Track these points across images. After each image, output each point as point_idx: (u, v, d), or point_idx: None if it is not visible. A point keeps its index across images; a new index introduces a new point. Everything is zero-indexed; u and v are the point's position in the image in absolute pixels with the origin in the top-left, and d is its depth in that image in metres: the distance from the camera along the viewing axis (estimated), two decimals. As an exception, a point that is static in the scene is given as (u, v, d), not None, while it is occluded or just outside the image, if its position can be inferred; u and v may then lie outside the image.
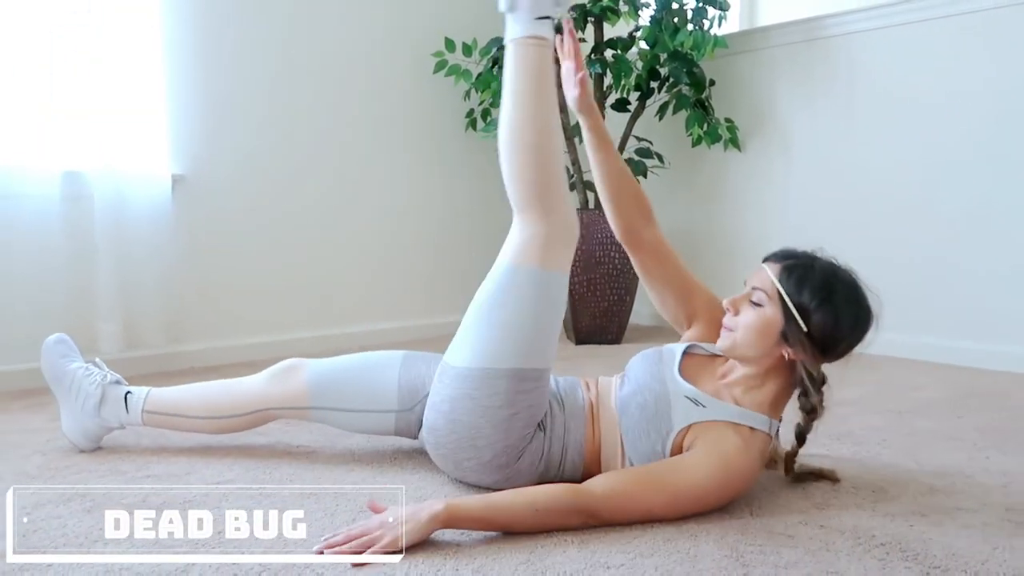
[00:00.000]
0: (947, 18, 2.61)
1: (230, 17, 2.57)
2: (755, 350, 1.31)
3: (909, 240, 2.73)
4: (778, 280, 1.30)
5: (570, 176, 3.01)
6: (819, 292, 1.27)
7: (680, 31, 2.84)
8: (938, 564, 1.12)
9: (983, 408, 2.04)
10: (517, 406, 1.32)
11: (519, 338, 1.33)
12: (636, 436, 1.33)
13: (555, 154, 1.40)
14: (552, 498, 1.20)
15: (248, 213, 2.66)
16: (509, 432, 1.32)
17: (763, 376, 1.33)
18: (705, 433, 1.28)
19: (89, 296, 2.28)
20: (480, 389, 1.31)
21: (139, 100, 2.32)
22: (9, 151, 2.15)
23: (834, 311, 1.27)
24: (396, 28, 2.97)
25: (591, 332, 2.98)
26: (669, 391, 1.33)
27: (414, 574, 1.07)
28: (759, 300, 1.32)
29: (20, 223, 2.18)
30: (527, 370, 1.32)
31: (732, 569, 1.10)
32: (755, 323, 1.31)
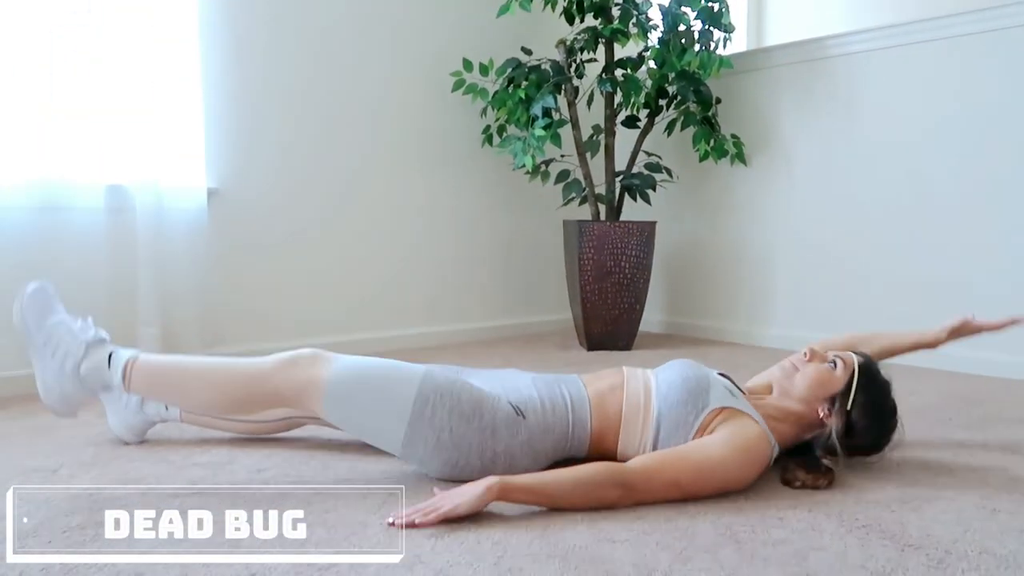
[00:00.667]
0: (944, 40, 2.74)
1: (262, 43, 2.74)
2: (804, 392, 1.52)
3: (904, 252, 2.85)
4: (858, 366, 1.52)
5: (582, 189, 3.14)
6: (875, 398, 1.52)
7: (687, 52, 2.98)
8: (912, 543, 1.24)
9: (969, 411, 2.16)
10: (440, 423, 1.41)
11: (381, 415, 1.42)
12: (674, 404, 1.47)
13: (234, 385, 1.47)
14: (591, 473, 1.34)
15: (277, 224, 2.81)
16: (464, 437, 1.42)
17: (785, 416, 1.53)
18: (732, 418, 1.45)
19: (131, 301, 2.43)
20: (418, 447, 1.42)
21: (178, 119, 2.48)
22: (58, 166, 2.30)
23: (873, 419, 1.51)
24: (417, 49, 3.12)
25: (603, 339, 3.11)
26: (710, 377, 1.52)
27: (440, 546, 1.20)
28: (836, 365, 1.52)
29: (68, 233, 2.34)
30: (411, 408, 1.40)
31: (725, 544, 1.22)
32: (822, 375, 1.52)
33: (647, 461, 1.39)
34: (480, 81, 3.16)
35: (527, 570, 1.13)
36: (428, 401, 1.42)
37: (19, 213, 2.24)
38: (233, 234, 2.69)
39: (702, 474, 1.38)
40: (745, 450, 1.41)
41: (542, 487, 1.32)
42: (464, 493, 1.29)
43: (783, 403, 1.54)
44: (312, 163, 2.89)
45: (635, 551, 1.19)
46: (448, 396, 1.43)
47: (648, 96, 3.12)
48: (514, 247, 3.52)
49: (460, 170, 3.30)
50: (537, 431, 1.47)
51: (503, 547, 1.20)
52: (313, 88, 2.87)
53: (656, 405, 1.50)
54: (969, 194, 2.70)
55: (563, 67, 3.09)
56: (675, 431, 1.46)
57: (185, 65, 2.48)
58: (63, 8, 2.28)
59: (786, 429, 1.52)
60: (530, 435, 1.47)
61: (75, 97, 2.31)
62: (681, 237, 3.55)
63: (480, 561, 1.15)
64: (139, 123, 2.41)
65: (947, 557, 1.19)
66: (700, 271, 3.51)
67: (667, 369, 1.58)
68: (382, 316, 3.10)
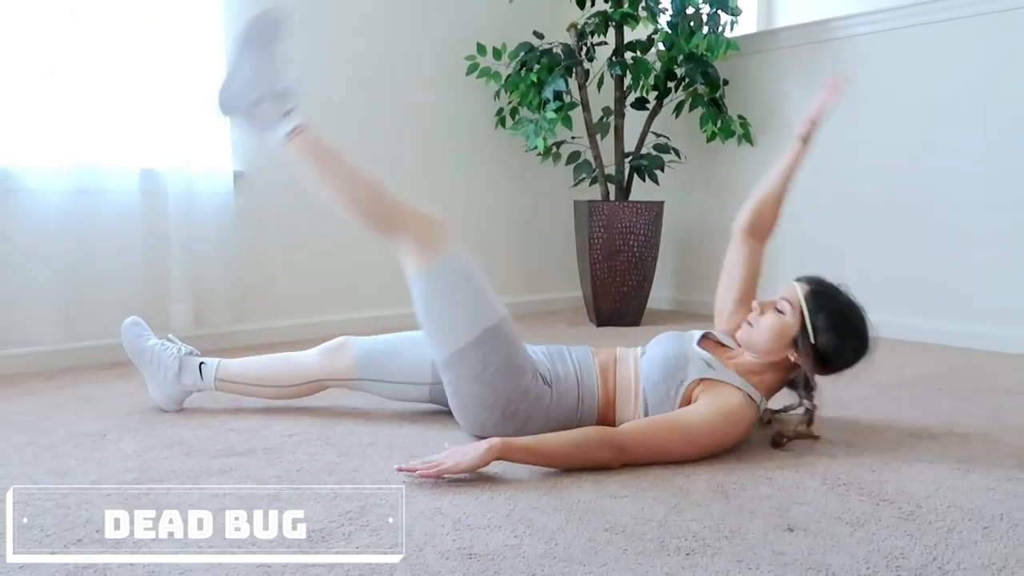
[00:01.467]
0: (947, 22, 2.80)
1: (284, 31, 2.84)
2: (767, 346, 1.59)
3: (904, 230, 2.94)
4: (803, 298, 1.58)
5: (592, 170, 3.24)
6: (833, 318, 1.56)
7: (695, 35, 3.06)
8: (887, 498, 1.36)
9: (962, 382, 2.26)
10: (493, 359, 1.57)
11: (457, 319, 1.59)
12: (656, 381, 1.59)
13: (365, 198, 1.69)
14: (587, 435, 1.46)
15: (301, 206, 2.93)
16: (502, 383, 1.57)
17: (764, 367, 1.62)
18: (712, 388, 1.56)
19: (163, 280, 2.57)
20: (459, 367, 1.59)
21: (206, 107, 2.59)
22: (95, 151, 2.43)
23: (841, 338, 1.56)
24: (433, 34, 3.22)
25: (611, 315, 3.22)
26: (687, 352, 1.62)
27: (458, 500, 1.33)
28: (783, 309, 1.59)
29: (105, 215, 2.47)
30: (482, 333, 1.58)
31: (716, 499, 1.35)
32: (775, 325, 1.58)
33: (637, 426, 1.51)
34: (493, 65, 3.25)
35: (536, 520, 1.25)
36: (498, 336, 1.58)
37: (60, 196, 2.38)
38: (258, 215, 2.83)
39: (688, 439, 1.50)
40: (727, 413, 1.52)
41: (540, 447, 1.43)
42: (467, 452, 1.40)
43: (754, 359, 1.62)
44: (332, 146, 3.00)
45: (634, 505, 1.32)
46: (511, 343, 1.60)
47: (657, 78, 3.21)
48: (526, 226, 3.63)
49: (474, 152, 3.41)
50: (556, 401, 1.61)
51: (514, 501, 1.33)
52: (332, 73, 2.98)
53: (642, 384, 1.62)
54: (974, 173, 2.78)
55: (574, 51, 3.18)
56: (660, 406, 1.58)
57: (211, 53, 2.59)
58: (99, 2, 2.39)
59: (769, 378, 1.62)
60: (550, 403, 1.61)
61: (111, 87, 2.44)
62: (689, 216, 3.65)
63: (493, 512, 1.28)
64: (170, 110, 2.54)
65: (918, 510, 1.30)
66: (707, 249, 3.60)
67: (651, 347, 1.69)
68: (399, 293, 3.20)
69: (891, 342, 2.82)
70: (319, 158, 1.69)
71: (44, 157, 2.35)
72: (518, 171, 3.54)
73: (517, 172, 3.54)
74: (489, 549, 1.16)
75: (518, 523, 1.24)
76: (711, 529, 1.22)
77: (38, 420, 1.83)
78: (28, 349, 2.37)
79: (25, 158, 2.33)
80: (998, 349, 2.69)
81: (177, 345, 1.87)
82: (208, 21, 2.59)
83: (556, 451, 1.44)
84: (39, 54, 2.32)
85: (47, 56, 2.33)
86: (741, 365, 1.62)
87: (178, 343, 1.88)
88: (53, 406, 1.97)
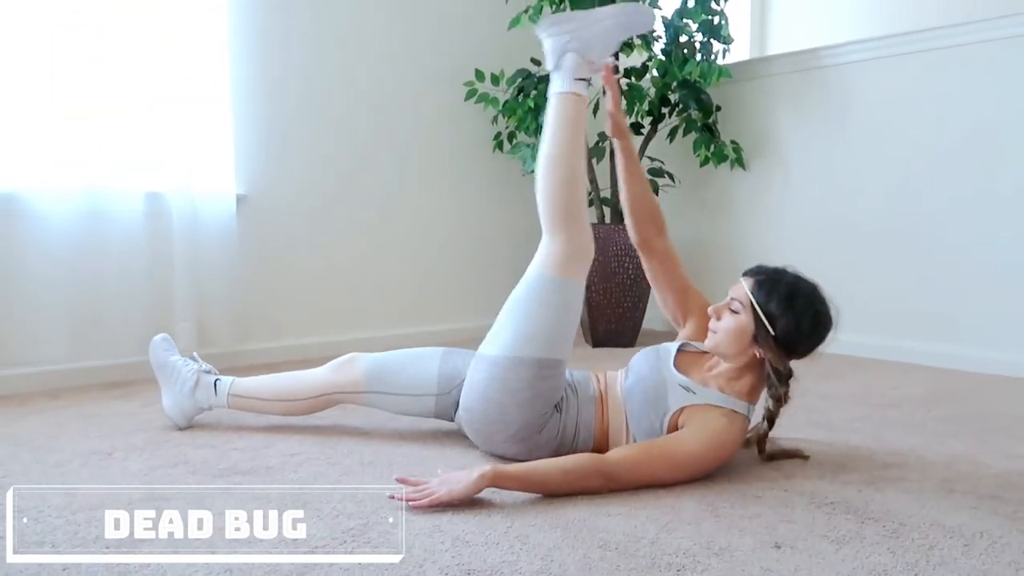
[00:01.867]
0: (936, 51, 2.88)
1: (285, 58, 2.92)
2: (732, 349, 1.60)
3: (894, 253, 3.00)
4: (751, 292, 1.58)
5: (588, 194, 3.30)
6: (783, 302, 1.56)
7: (688, 62, 3.14)
8: (873, 516, 1.40)
9: (950, 404, 2.31)
10: (538, 389, 1.62)
11: (541, 333, 1.63)
12: (639, 416, 1.63)
13: (580, 188, 1.73)
14: (578, 463, 1.49)
15: (302, 227, 3.00)
16: (531, 411, 1.62)
17: (740, 370, 1.62)
18: (696, 414, 1.58)
19: (167, 300, 2.62)
20: (508, 372, 1.62)
21: (209, 131, 2.66)
22: (101, 175, 2.49)
23: (795, 317, 1.55)
24: (433, 61, 3.30)
25: (607, 336, 3.27)
26: (666, 380, 1.63)
27: (456, 519, 1.37)
28: (736, 308, 1.60)
29: (111, 237, 2.52)
30: (547, 360, 1.63)
31: (706, 517, 1.39)
32: (732, 328, 1.59)
33: (627, 455, 1.53)
34: (492, 91, 3.32)
35: (532, 537, 1.30)
36: (555, 372, 1.64)
37: (67, 219, 2.43)
38: (260, 237, 2.88)
39: (676, 466, 1.53)
40: (713, 440, 1.55)
41: (530, 475, 1.46)
42: (460, 480, 1.43)
43: (729, 364, 1.62)
44: (334, 170, 3.07)
45: (627, 523, 1.36)
46: (556, 386, 1.65)
47: (651, 104, 3.28)
48: (525, 248, 3.65)
49: (472, 174, 3.47)
50: (560, 432, 1.67)
51: (511, 519, 1.37)
52: (334, 98, 3.05)
53: (628, 421, 1.66)
54: (959, 198, 2.85)
55: (570, 77, 3.24)
56: (648, 438, 1.62)
57: (215, 81, 2.67)
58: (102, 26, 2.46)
59: (748, 381, 1.61)
60: (556, 434, 1.66)
61: (116, 112, 2.50)
62: (683, 238, 3.70)
63: (491, 529, 1.33)
64: (174, 134, 2.60)
65: (901, 528, 1.35)
66: (701, 269, 3.65)
67: (631, 375, 1.70)
68: (400, 313, 3.28)
69: (883, 363, 2.89)
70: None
71: (51, 181, 2.41)
72: (515, 193, 3.60)
73: (515, 194, 3.60)
74: (487, 565, 1.20)
75: (515, 540, 1.29)
76: (701, 546, 1.27)
77: (45, 439, 1.87)
78: (35, 368, 2.41)
79: (32, 182, 2.38)
80: (981, 371, 2.74)
81: (199, 363, 1.93)
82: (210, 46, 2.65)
83: (547, 479, 1.47)
84: (46, 79, 2.38)
85: (54, 82, 2.39)
86: (720, 375, 1.63)
87: (200, 361, 1.94)
88: (59, 424, 2.01)
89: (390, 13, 3.16)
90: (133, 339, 2.53)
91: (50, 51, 2.37)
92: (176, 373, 1.90)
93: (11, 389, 2.35)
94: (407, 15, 3.21)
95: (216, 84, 2.67)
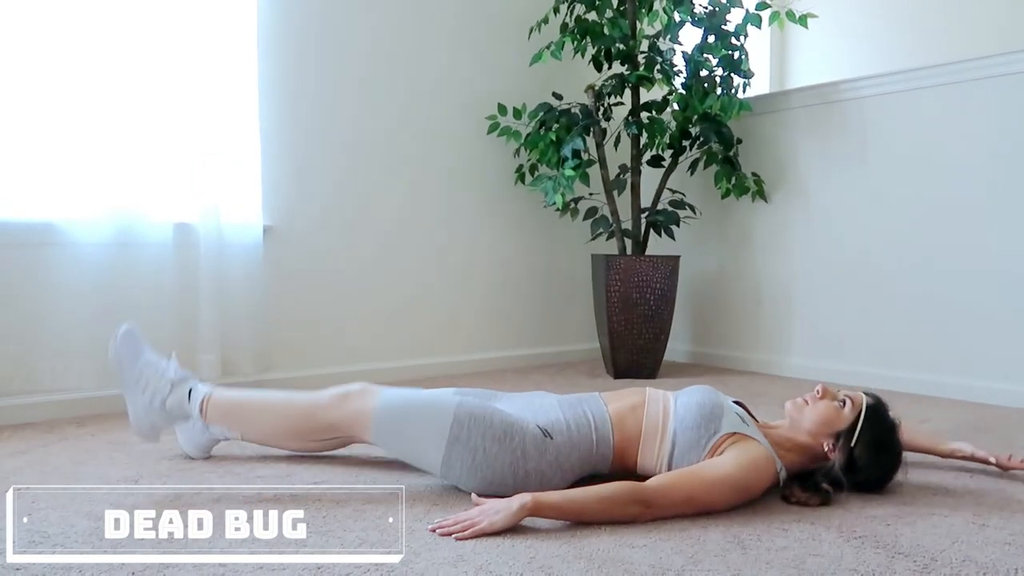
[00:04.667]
0: (951, 84, 2.89)
1: (315, 93, 2.98)
2: (812, 427, 1.66)
3: (920, 286, 2.97)
4: (865, 405, 1.66)
5: (609, 225, 3.32)
6: (878, 437, 1.64)
7: (709, 96, 3.16)
8: (903, 551, 1.38)
9: (980, 438, 2.26)
10: (476, 446, 1.59)
11: (421, 440, 1.62)
12: (689, 426, 1.64)
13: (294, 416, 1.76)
14: (616, 491, 1.49)
15: (327, 258, 3.03)
16: (498, 457, 1.59)
17: (793, 446, 1.68)
18: (740, 441, 1.61)
19: (192, 329, 2.65)
20: (457, 468, 1.61)
21: (237, 164, 2.72)
22: (133, 205, 2.54)
23: (876, 456, 1.65)
24: (457, 95, 3.35)
25: (629, 367, 3.26)
26: (724, 405, 1.68)
27: (479, 548, 1.37)
28: (844, 402, 1.67)
29: (140, 266, 2.56)
30: (448, 435, 1.59)
31: (732, 550, 1.37)
32: (828, 412, 1.66)
33: (664, 479, 1.55)
34: (514, 124, 3.37)
35: (556, 569, 1.29)
36: (463, 426, 1.61)
37: (98, 248, 2.48)
38: (285, 268, 2.92)
39: (714, 489, 1.53)
40: (753, 468, 1.56)
41: (570, 504, 1.47)
42: (500, 510, 1.44)
43: (792, 435, 1.69)
44: (359, 202, 3.11)
45: (652, 554, 1.35)
46: (481, 421, 1.62)
47: (672, 137, 3.30)
48: (544, 279, 3.71)
49: (494, 207, 3.50)
50: (564, 450, 1.64)
51: (535, 550, 1.37)
52: (360, 133, 3.10)
53: (673, 426, 1.66)
54: (981, 231, 2.83)
55: (591, 111, 3.29)
56: (689, 451, 1.62)
57: (244, 112, 2.73)
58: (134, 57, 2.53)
59: (793, 458, 1.67)
60: (558, 454, 1.64)
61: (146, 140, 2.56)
62: (704, 270, 3.71)
63: (515, 560, 1.32)
64: (204, 166, 2.65)
65: (932, 564, 1.32)
66: (722, 303, 3.66)
67: (687, 393, 1.74)
68: (422, 344, 3.29)
69: (912, 396, 2.85)
70: (235, 412, 1.73)
71: (81, 210, 2.46)
72: (537, 226, 3.63)
73: (536, 227, 3.63)
74: (511, 595, 1.19)
75: (539, 571, 1.28)
76: (728, 579, 1.25)
77: (73, 466, 1.89)
78: (63, 396, 2.45)
79: (63, 211, 2.44)
80: (1011, 404, 2.70)
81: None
82: (242, 77, 2.72)
83: (585, 507, 1.47)
84: (78, 109, 2.44)
85: (86, 112, 2.45)
86: (771, 435, 1.68)
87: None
88: (87, 451, 2.03)
89: (415, 49, 3.23)
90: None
91: (82, 81, 2.44)
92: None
93: (39, 416, 2.38)
94: (432, 51, 3.28)
95: (245, 115, 2.73)
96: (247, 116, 2.74)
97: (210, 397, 1.73)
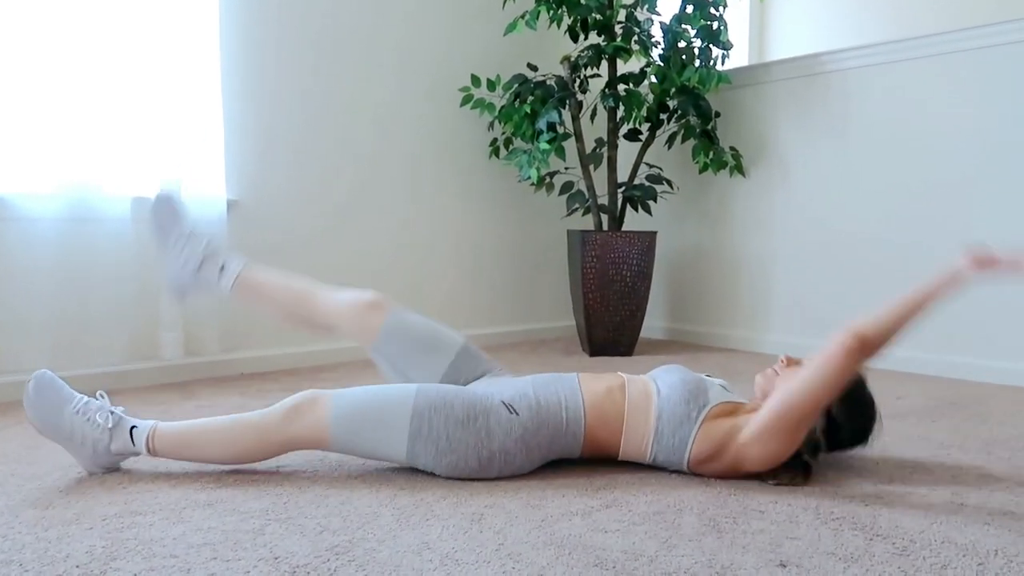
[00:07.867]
0: (934, 56, 2.85)
1: (277, 62, 2.87)
2: None
3: (897, 260, 2.95)
4: None
5: (585, 200, 3.25)
6: (853, 395, 1.61)
7: (687, 68, 3.10)
8: (881, 533, 1.34)
9: (957, 414, 2.25)
10: (439, 432, 1.55)
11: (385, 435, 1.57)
12: (676, 403, 1.60)
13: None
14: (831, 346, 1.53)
15: (291, 234, 2.94)
16: (462, 441, 1.55)
17: None
18: (740, 405, 1.63)
19: (154, 307, 2.56)
20: (422, 457, 1.57)
21: (200, 136, 2.61)
22: (89, 179, 2.43)
23: (852, 415, 1.63)
24: (429, 66, 3.25)
25: (605, 344, 3.22)
26: (704, 379, 1.67)
27: (447, 534, 1.31)
28: None
29: (98, 243, 2.46)
30: (409, 425, 1.55)
31: (707, 533, 1.33)
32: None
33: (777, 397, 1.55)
34: (488, 96, 3.28)
35: (525, 555, 1.24)
36: (424, 417, 1.55)
37: (54, 224, 2.38)
38: (250, 243, 2.81)
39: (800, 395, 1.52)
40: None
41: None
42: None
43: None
44: (325, 175, 3.01)
45: (624, 539, 1.30)
46: (441, 408, 1.55)
47: (649, 110, 3.24)
48: (519, 256, 3.64)
49: (468, 181, 3.42)
50: (531, 427, 1.58)
51: (503, 535, 1.31)
52: (327, 104, 3.00)
53: (657, 405, 1.61)
54: (961, 204, 2.80)
55: (567, 83, 3.21)
56: (680, 425, 1.58)
57: (205, 84, 2.61)
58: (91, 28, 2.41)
59: None
60: (524, 431, 1.58)
61: (103, 114, 2.45)
62: (681, 246, 3.66)
63: (482, 547, 1.26)
64: (164, 139, 2.55)
65: (911, 545, 1.29)
66: (700, 279, 3.62)
67: (664, 373, 1.69)
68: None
69: (888, 373, 2.83)
70: (184, 443, 1.60)
71: (36, 184, 2.35)
72: (511, 201, 3.56)
73: (510, 202, 3.56)
74: (477, 585, 1.14)
75: (507, 558, 1.23)
76: (703, 565, 1.21)
77: (25, 450, 1.81)
78: (16, 377, 2.34)
79: (16, 185, 2.33)
80: (988, 380, 2.69)
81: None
82: (204, 49, 2.60)
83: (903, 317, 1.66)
84: (33, 81, 2.33)
85: (41, 84, 2.34)
86: (751, 409, 1.64)
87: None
88: (39, 436, 1.94)
89: (385, 18, 3.12)
90: (118, 348, 2.48)
91: (37, 53, 2.33)
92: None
93: (-8, 398, 2.29)
94: (402, 20, 3.17)
95: (207, 87, 2.62)
96: (209, 89, 2.62)
97: (155, 432, 1.59)
